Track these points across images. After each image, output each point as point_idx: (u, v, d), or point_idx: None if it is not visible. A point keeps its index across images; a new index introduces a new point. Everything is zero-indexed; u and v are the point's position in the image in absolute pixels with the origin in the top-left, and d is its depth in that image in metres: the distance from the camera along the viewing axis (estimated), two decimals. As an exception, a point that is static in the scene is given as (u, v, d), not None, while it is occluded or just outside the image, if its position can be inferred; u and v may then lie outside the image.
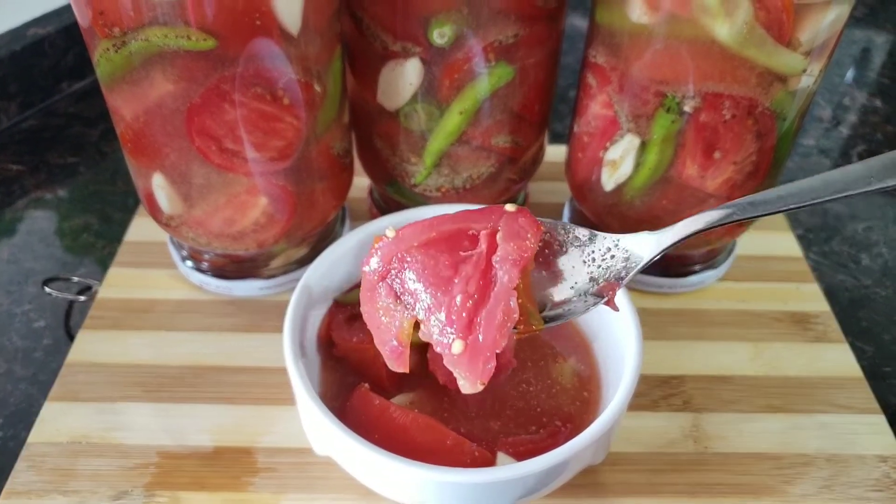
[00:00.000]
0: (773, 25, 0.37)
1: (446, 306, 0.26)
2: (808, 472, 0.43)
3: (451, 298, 0.27)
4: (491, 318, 0.27)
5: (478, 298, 0.27)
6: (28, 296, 0.54)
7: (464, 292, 0.26)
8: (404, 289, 0.28)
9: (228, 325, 0.50)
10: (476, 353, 0.27)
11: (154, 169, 0.44)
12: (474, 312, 0.27)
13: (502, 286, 0.26)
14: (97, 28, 0.38)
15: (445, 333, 0.27)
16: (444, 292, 0.27)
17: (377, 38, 0.45)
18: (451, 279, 0.27)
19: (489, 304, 0.27)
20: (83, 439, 0.43)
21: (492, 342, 0.26)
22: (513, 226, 0.28)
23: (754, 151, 0.44)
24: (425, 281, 0.27)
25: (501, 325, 0.27)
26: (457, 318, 0.26)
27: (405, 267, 0.28)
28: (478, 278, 0.27)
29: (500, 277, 0.27)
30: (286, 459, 0.43)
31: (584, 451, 0.35)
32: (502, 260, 0.27)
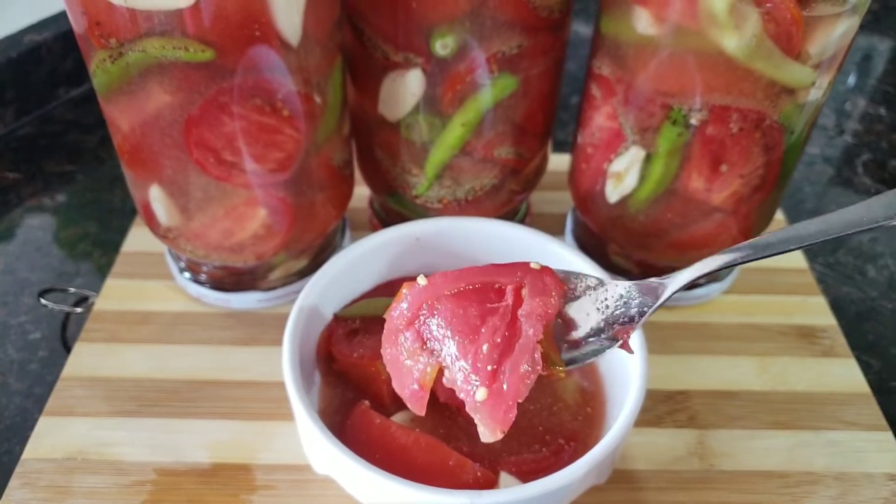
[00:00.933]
0: (781, 38, 0.37)
1: (472, 354, 0.28)
2: (816, 491, 0.42)
3: (478, 347, 0.28)
4: (515, 369, 0.28)
5: (503, 349, 0.28)
6: (24, 307, 0.53)
7: (490, 342, 0.27)
8: (431, 335, 0.29)
9: (227, 338, 0.49)
10: (499, 402, 0.28)
11: (151, 180, 0.43)
12: (499, 362, 0.28)
13: (528, 339, 0.28)
14: (93, 39, 0.38)
15: (470, 381, 0.28)
16: (472, 341, 0.28)
17: (378, 48, 0.44)
18: (479, 329, 0.28)
19: (514, 354, 0.28)
20: (79, 455, 0.42)
21: (515, 392, 0.27)
22: (538, 284, 0.30)
23: (761, 165, 0.43)
24: (453, 329, 0.28)
25: (525, 377, 0.28)
26: (482, 367, 0.27)
27: (434, 314, 0.29)
28: (503, 330, 0.28)
29: (526, 331, 0.28)
30: (285, 476, 0.42)
31: (589, 471, 0.34)
32: (528, 315, 0.28)
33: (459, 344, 0.28)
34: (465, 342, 0.28)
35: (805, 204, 0.67)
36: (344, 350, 0.42)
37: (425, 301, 0.30)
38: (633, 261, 0.53)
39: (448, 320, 0.29)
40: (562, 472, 0.34)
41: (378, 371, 0.41)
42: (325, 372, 0.43)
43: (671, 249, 0.49)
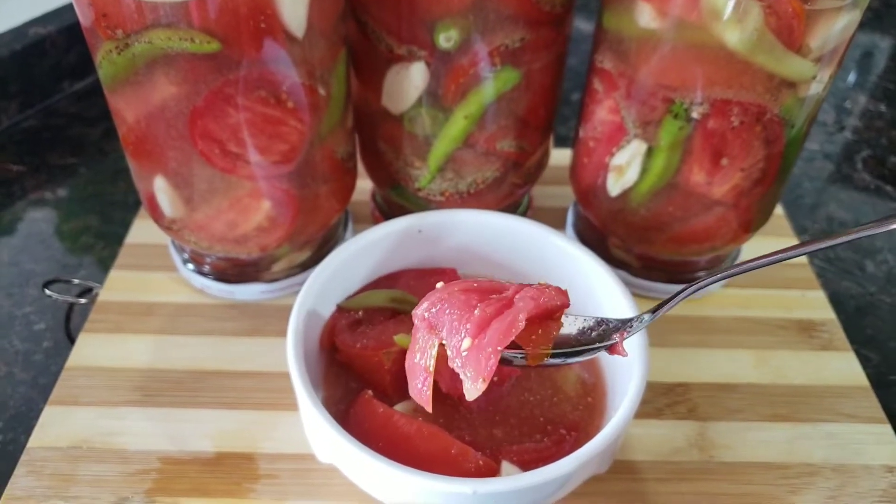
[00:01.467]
0: (783, 31, 0.37)
1: (466, 319, 0.31)
2: (815, 482, 0.42)
3: (470, 312, 0.31)
4: (498, 326, 0.30)
5: (493, 316, 0.31)
6: (28, 298, 0.54)
7: (482, 310, 0.30)
8: (437, 320, 0.32)
9: (230, 329, 0.50)
10: (480, 349, 0.30)
11: (156, 172, 0.44)
12: (487, 323, 0.30)
13: (515, 308, 0.30)
14: (100, 30, 0.38)
15: (458, 335, 0.31)
16: (468, 311, 0.31)
17: (382, 41, 0.44)
18: (476, 305, 0.31)
19: (500, 317, 0.31)
20: (84, 444, 0.43)
21: (496, 340, 0.30)
22: (540, 285, 0.33)
23: (762, 158, 0.43)
24: (453, 307, 0.31)
25: (507, 330, 0.30)
26: (471, 325, 0.30)
27: (443, 304, 0.32)
28: (497, 305, 0.31)
29: (517, 303, 0.31)
30: (288, 466, 0.42)
31: (590, 461, 0.35)
32: (521, 297, 0.31)
33: (456, 317, 0.31)
34: (461, 314, 0.31)
35: (805, 199, 0.67)
36: (347, 341, 0.42)
37: (438, 298, 0.32)
38: (634, 254, 0.53)
39: (451, 305, 0.32)
40: (562, 461, 0.34)
41: (381, 361, 0.41)
42: (329, 362, 0.43)
43: (672, 243, 0.49)
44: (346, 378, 0.42)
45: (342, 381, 0.42)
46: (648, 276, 0.53)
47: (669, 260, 0.52)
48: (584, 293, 0.45)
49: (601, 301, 0.43)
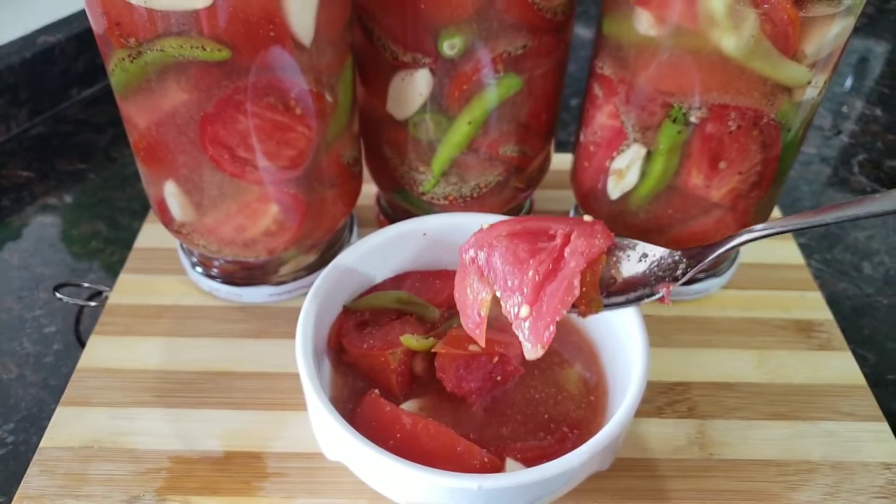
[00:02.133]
0: (778, 38, 0.38)
1: (520, 280, 0.31)
2: (813, 479, 0.43)
3: (524, 274, 0.31)
4: (555, 292, 0.31)
5: (547, 276, 0.31)
6: (39, 301, 0.54)
7: (535, 270, 0.31)
8: (489, 268, 0.33)
9: (238, 332, 0.51)
10: (538, 318, 0.31)
11: (166, 177, 0.45)
12: (542, 286, 0.31)
13: (569, 270, 0.31)
14: (113, 38, 0.39)
15: (515, 302, 0.32)
16: (521, 270, 0.32)
17: (387, 48, 0.45)
18: (527, 261, 0.32)
19: (555, 280, 0.31)
20: (95, 444, 0.44)
21: (553, 310, 0.31)
22: (586, 228, 0.34)
23: (759, 162, 0.44)
24: (505, 261, 0.32)
25: (563, 298, 0.31)
26: (527, 290, 0.31)
27: (492, 251, 0.33)
28: (549, 263, 0.32)
29: (569, 263, 0.31)
30: (296, 464, 0.43)
31: (592, 458, 0.35)
32: (572, 251, 0.32)
33: (509, 273, 0.32)
34: (515, 270, 0.32)
35: (802, 202, 0.68)
36: (354, 341, 0.43)
37: (486, 241, 0.33)
38: (635, 257, 0.54)
39: (502, 255, 0.33)
40: (565, 458, 0.35)
41: (387, 361, 0.42)
42: (335, 363, 0.44)
43: (671, 245, 0.50)
44: (352, 378, 0.43)
45: (349, 382, 0.43)
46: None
47: (669, 262, 0.53)
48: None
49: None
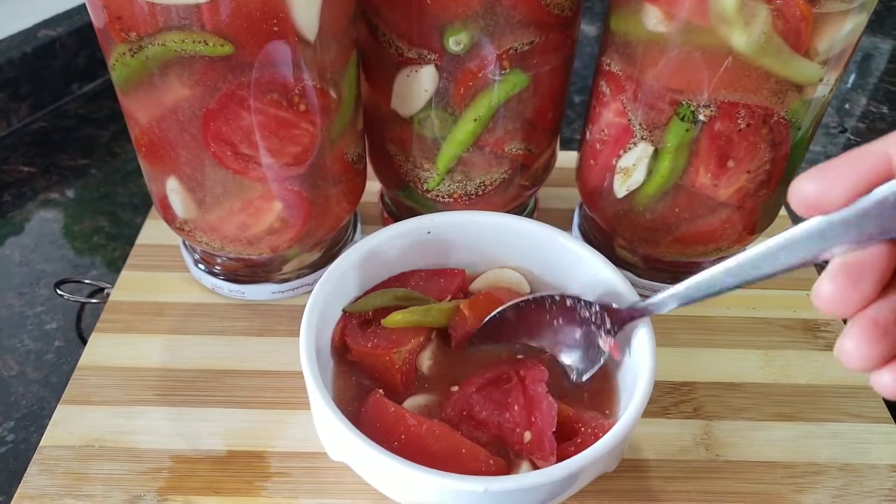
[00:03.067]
0: (790, 35, 0.38)
1: (511, 416, 0.39)
2: (821, 482, 0.43)
3: (511, 411, 0.39)
4: (540, 413, 0.39)
5: (528, 405, 0.39)
6: (40, 298, 0.54)
7: (519, 405, 0.39)
8: (481, 417, 0.40)
9: (241, 329, 0.50)
10: (540, 435, 0.38)
11: (169, 173, 0.44)
12: (529, 413, 0.39)
13: (540, 395, 0.39)
14: (113, 32, 0.38)
15: (517, 433, 0.39)
16: (508, 409, 0.40)
17: (392, 44, 0.45)
18: (505, 402, 0.40)
19: (535, 405, 0.39)
20: (96, 443, 0.43)
21: (548, 425, 0.38)
22: (527, 363, 0.42)
23: (768, 160, 0.44)
24: (491, 410, 0.40)
25: (549, 413, 0.39)
26: (521, 419, 0.39)
27: (475, 407, 0.40)
28: (521, 395, 0.40)
29: (535, 390, 0.40)
30: (299, 464, 0.43)
31: (599, 460, 0.35)
32: (532, 381, 0.40)
33: (500, 415, 0.39)
34: (501, 413, 0.40)
35: (809, 201, 0.68)
36: (359, 340, 0.43)
37: (462, 402, 0.40)
38: (639, 255, 0.54)
39: (485, 406, 0.40)
40: (572, 460, 0.34)
41: (392, 360, 0.41)
42: (339, 362, 0.44)
43: (677, 244, 0.49)
44: (357, 377, 0.43)
45: (354, 380, 0.43)
46: (653, 276, 0.54)
47: (674, 261, 0.53)
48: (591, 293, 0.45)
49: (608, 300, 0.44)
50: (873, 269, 0.25)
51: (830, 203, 0.26)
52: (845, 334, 0.26)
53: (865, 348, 0.26)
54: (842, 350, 0.26)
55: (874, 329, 0.25)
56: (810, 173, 0.26)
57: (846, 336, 0.26)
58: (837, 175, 0.25)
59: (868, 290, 0.25)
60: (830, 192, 0.25)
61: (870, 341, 0.26)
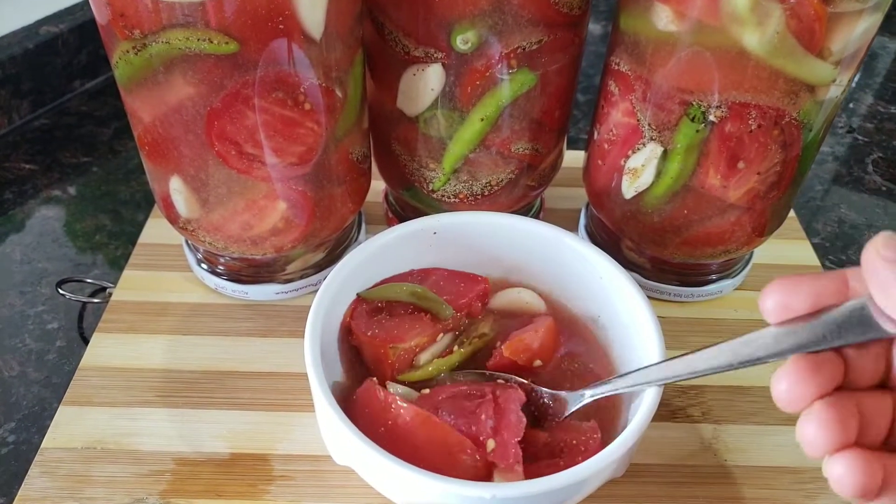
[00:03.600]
0: (804, 34, 0.37)
1: (476, 425, 0.38)
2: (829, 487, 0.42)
3: (479, 418, 0.38)
4: (508, 424, 0.38)
5: (497, 417, 0.39)
6: (41, 297, 0.54)
7: (487, 415, 0.39)
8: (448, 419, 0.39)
9: (244, 330, 0.50)
10: (503, 444, 0.37)
11: (172, 172, 0.44)
12: (497, 424, 0.38)
13: (510, 410, 0.39)
14: (117, 30, 0.38)
15: (479, 440, 0.38)
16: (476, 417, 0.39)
17: (399, 42, 0.44)
18: (475, 412, 0.39)
19: (504, 416, 0.39)
20: (98, 445, 0.43)
21: (513, 434, 0.38)
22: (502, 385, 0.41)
23: (779, 162, 0.43)
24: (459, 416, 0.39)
25: (516, 426, 0.38)
26: (486, 428, 0.38)
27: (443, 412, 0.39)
28: (492, 409, 0.39)
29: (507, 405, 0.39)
30: (303, 467, 0.42)
31: (607, 466, 0.35)
32: (505, 399, 0.39)
33: (465, 423, 0.38)
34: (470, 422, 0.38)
35: (815, 202, 0.67)
36: (361, 325, 0.42)
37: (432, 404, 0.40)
38: (646, 256, 0.53)
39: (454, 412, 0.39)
40: (579, 467, 0.34)
41: (386, 354, 0.41)
42: (347, 347, 0.43)
43: (685, 246, 0.49)
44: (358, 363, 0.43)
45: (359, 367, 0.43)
46: (661, 278, 0.53)
47: (682, 263, 0.52)
48: (598, 295, 0.45)
49: (615, 303, 0.43)
50: (828, 366, 0.28)
51: (794, 311, 0.29)
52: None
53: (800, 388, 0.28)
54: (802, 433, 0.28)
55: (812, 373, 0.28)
56: (774, 285, 0.29)
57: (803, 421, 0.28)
58: (801, 288, 0.29)
59: (823, 385, 0.27)
60: (793, 302, 0.29)
61: (805, 379, 0.28)
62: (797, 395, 0.28)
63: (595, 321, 0.46)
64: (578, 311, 0.47)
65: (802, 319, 0.29)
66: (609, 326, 0.45)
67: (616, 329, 0.44)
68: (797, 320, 0.29)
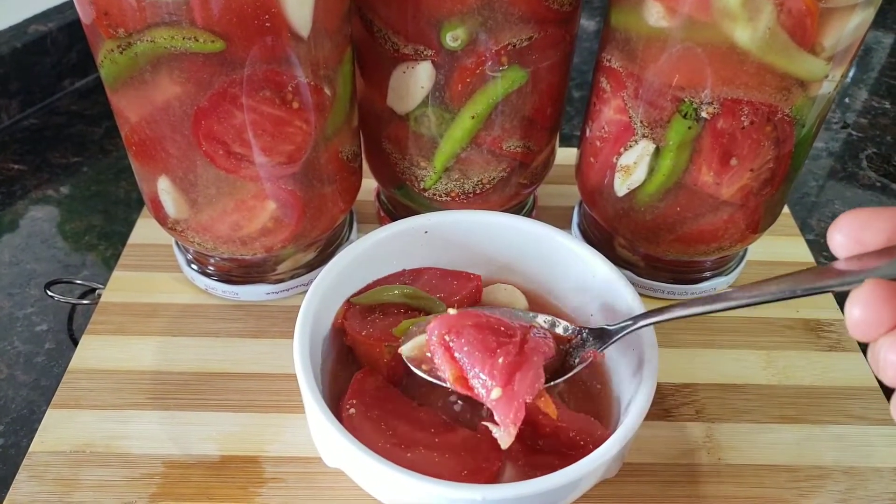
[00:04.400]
0: (796, 30, 0.37)
1: (490, 365, 0.35)
2: (825, 486, 0.42)
3: (495, 360, 0.35)
4: (524, 378, 0.35)
5: (515, 365, 0.35)
6: (30, 299, 0.53)
7: (505, 357, 0.35)
8: (460, 350, 0.36)
9: (235, 331, 0.49)
10: (510, 399, 0.34)
11: (159, 173, 0.43)
12: (511, 372, 0.35)
13: (532, 363, 0.35)
14: (101, 29, 0.37)
15: (486, 384, 0.35)
16: (491, 356, 0.35)
17: (388, 40, 0.44)
18: (496, 351, 0.35)
19: (523, 368, 0.35)
20: (87, 448, 0.42)
21: (523, 392, 0.34)
22: (539, 331, 0.38)
23: (772, 158, 0.43)
24: (475, 348, 0.36)
25: (532, 383, 0.35)
26: (499, 373, 0.34)
27: (462, 337, 0.36)
28: (515, 354, 0.35)
29: (531, 357, 0.36)
30: (294, 469, 0.42)
31: (600, 466, 0.34)
32: (532, 348, 0.36)
33: (479, 358, 0.35)
34: (485, 356, 0.35)
35: (809, 198, 0.67)
36: (355, 326, 0.42)
37: (455, 326, 0.37)
38: (640, 254, 0.53)
39: (472, 342, 0.36)
40: (572, 467, 0.34)
41: (382, 352, 0.41)
42: (340, 348, 0.43)
43: (678, 243, 0.49)
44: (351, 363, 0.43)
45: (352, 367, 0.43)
46: (654, 276, 0.53)
47: (675, 260, 0.52)
48: (592, 293, 0.44)
49: (608, 300, 0.43)
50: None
51: (866, 246, 0.27)
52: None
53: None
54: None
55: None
56: (845, 218, 0.27)
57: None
58: (874, 223, 0.27)
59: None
60: (866, 236, 0.27)
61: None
62: (873, 321, 0.25)
63: (588, 320, 0.45)
64: (572, 309, 0.46)
65: (876, 255, 0.26)
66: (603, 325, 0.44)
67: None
68: (869, 255, 0.26)
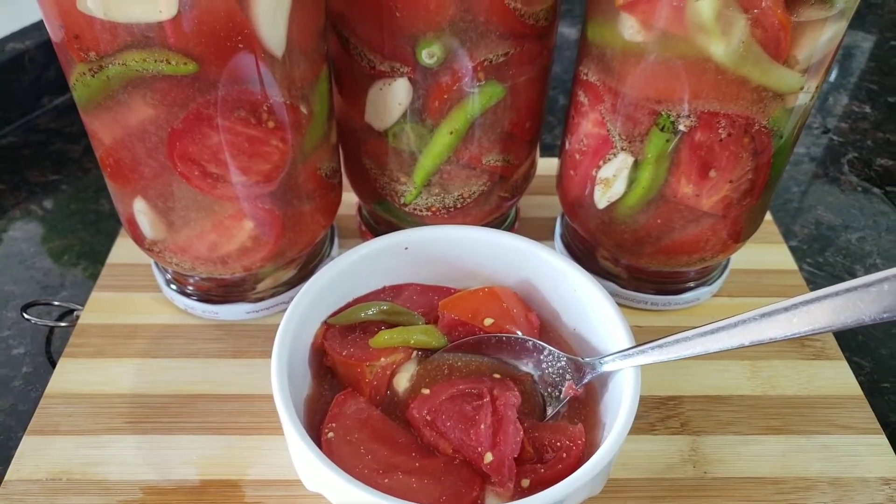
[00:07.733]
0: (769, 43, 0.37)
1: (475, 434, 0.38)
2: (811, 497, 0.42)
3: (478, 428, 0.39)
4: (506, 437, 0.38)
5: (495, 427, 0.39)
6: (7, 321, 0.52)
7: (486, 423, 0.39)
8: (443, 427, 0.39)
9: (215, 351, 0.49)
10: (502, 459, 0.38)
11: (135, 194, 0.43)
12: (495, 434, 0.38)
13: (508, 418, 0.39)
14: (72, 52, 0.37)
15: (477, 452, 0.38)
16: (475, 425, 0.39)
17: (364, 57, 0.43)
18: (474, 418, 0.39)
19: (503, 428, 0.39)
20: (64, 476, 0.42)
21: (510, 450, 0.38)
22: (503, 384, 0.41)
23: (750, 169, 0.43)
24: (458, 421, 0.39)
25: (514, 439, 0.38)
26: (485, 439, 0.38)
27: (442, 414, 0.40)
28: (491, 413, 0.39)
29: (506, 413, 0.39)
30: (275, 492, 0.41)
31: (583, 486, 0.34)
32: (504, 404, 0.40)
33: (463, 430, 0.39)
34: (467, 427, 0.39)
35: (792, 203, 0.67)
36: (336, 347, 0.42)
37: (433, 406, 0.40)
38: (622, 265, 0.53)
39: (451, 416, 0.39)
40: (555, 488, 0.34)
41: (363, 372, 0.41)
42: (318, 368, 0.43)
43: (660, 254, 0.49)
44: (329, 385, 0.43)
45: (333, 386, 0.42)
46: (637, 287, 0.53)
47: (658, 271, 0.52)
48: (572, 307, 0.44)
49: (588, 315, 0.43)
50: None
51: None
52: None
53: None
54: None
55: None
56: None
57: None
58: None
59: None
60: None
61: None
62: None
63: (571, 334, 0.45)
64: (554, 323, 0.46)
65: None
66: (585, 338, 0.44)
67: (592, 341, 0.43)
68: None
